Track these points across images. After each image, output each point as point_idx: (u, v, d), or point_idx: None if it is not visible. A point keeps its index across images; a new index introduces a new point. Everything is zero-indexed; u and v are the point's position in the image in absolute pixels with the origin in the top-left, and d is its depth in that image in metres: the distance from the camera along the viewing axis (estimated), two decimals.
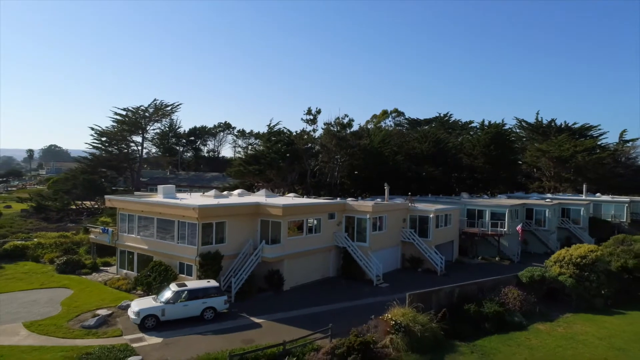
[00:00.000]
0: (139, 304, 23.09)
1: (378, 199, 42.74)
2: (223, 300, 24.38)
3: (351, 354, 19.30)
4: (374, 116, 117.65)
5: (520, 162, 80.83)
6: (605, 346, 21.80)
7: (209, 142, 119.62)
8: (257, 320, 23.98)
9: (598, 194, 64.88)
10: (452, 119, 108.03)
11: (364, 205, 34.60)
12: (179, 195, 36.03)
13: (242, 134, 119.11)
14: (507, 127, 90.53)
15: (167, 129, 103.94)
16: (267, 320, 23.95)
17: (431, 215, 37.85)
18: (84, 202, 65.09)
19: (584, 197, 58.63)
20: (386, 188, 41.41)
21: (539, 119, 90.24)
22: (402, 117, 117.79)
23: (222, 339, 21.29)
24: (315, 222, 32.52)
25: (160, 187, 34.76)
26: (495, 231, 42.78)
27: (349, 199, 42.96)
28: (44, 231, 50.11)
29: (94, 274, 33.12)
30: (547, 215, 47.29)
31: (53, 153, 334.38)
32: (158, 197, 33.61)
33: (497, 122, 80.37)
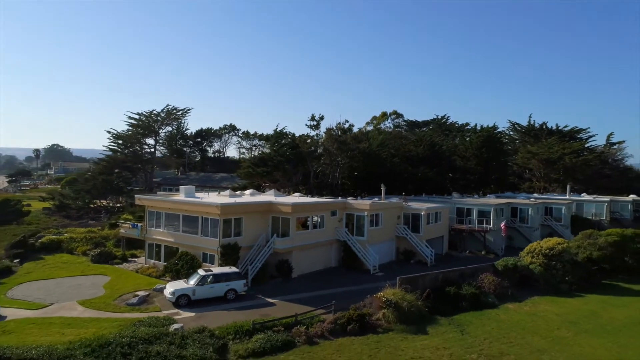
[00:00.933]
0: (173, 286, 27.65)
1: (375, 198, 47.13)
2: (242, 284, 28.90)
3: (350, 324, 23.80)
4: (374, 118, 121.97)
5: (511, 164, 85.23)
6: (560, 320, 26.30)
7: (214, 144, 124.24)
8: (271, 300, 28.47)
9: (584, 194, 69.32)
10: (449, 121, 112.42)
11: (363, 204, 39.08)
12: (197, 194, 40.50)
13: (246, 135, 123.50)
14: (501, 129, 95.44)
15: (175, 131, 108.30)
16: (280, 300, 28.42)
17: (422, 213, 42.33)
18: (101, 201, 69.72)
19: (567, 197, 63.02)
20: (382, 188, 45.93)
21: (531, 123, 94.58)
22: (400, 119, 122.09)
23: (244, 313, 25.73)
24: (319, 218, 37.02)
25: (182, 188, 39.29)
26: (482, 227, 47.28)
27: (349, 198, 47.44)
28: (67, 227, 54.66)
29: (124, 264, 37.62)
30: (530, 213, 51.72)
31: (56, 152, 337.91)
32: (180, 196, 38.11)
33: (492, 124, 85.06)
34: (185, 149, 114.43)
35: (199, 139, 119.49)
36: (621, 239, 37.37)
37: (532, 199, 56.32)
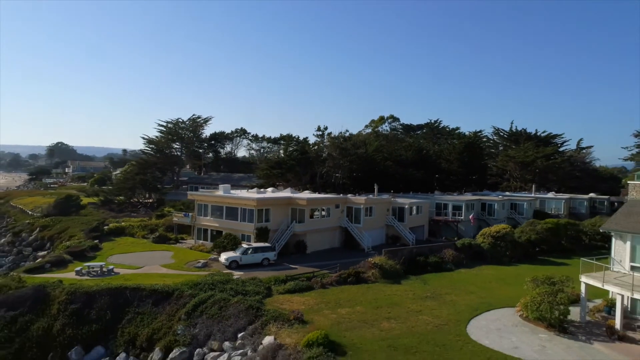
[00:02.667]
0: (226, 255, 39.50)
1: (370, 195, 58.89)
2: (274, 254, 40.81)
3: (349, 278, 35.57)
4: (372, 121, 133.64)
5: (491, 166, 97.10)
6: (493, 278, 38.12)
7: (226, 146, 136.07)
8: (293, 266, 40.26)
9: (552, 192, 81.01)
10: (442, 125, 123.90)
11: (359, 199, 50.90)
12: (232, 191, 52.28)
13: (255, 138, 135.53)
14: (485, 134, 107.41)
15: (192, 135, 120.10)
16: (300, 266, 40.18)
17: (406, 206, 54.17)
18: (137, 197, 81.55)
19: (532, 195, 74.86)
20: (375, 187, 57.82)
21: (513, 129, 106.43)
22: (397, 123, 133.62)
23: (276, 272, 37.40)
24: (326, 210, 48.84)
25: (221, 186, 51.22)
26: (455, 219, 59.17)
27: (349, 194, 59.10)
28: (115, 219, 66.37)
29: (177, 244, 49.45)
30: (496, 208, 63.55)
31: (60, 150, 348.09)
32: (220, 192, 49.95)
33: (479, 128, 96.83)
34: (200, 150, 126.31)
35: (212, 142, 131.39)
36: (555, 227, 49.29)
37: (500, 196, 68.17)
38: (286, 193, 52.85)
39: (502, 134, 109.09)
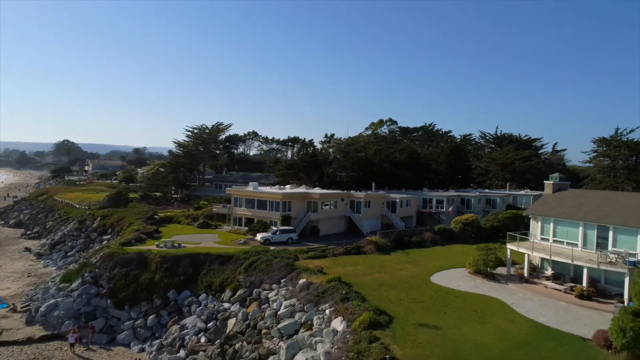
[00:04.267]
0: (260, 235, 53.11)
1: (369, 191, 72.44)
2: (295, 235, 54.47)
3: (352, 250, 49.15)
4: (372, 124, 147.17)
5: (475, 166, 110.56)
6: (459, 252, 51.66)
7: (239, 147, 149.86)
8: (310, 244, 53.77)
9: (527, 190, 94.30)
10: (435, 128, 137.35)
11: (360, 195, 64.45)
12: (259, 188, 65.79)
13: (266, 140, 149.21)
14: (474, 137, 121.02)
15: (211, 137, 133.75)
16: (315, 244, 53.70)
17: (397, 200, 67.72)
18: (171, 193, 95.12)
19: (506, 192, 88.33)
20: (373, 185, 71.41)
21: (497, 133, 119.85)
22: (395, 126, 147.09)
23: (299, 247, 50.85)
24: (334, 202, 62.38)
25: (250, 184, 64.86)
26: (437, 211, 72.78)
27: (351, 191, 72.69)
28: (159, 210, 79.83)
29: (217, 228, 63.02)
30: (472, 202, 77.01)
31: (67, 148, 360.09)
32: (250, 189, 63.57)
33: (468, 132, 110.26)
34: (217, 151, 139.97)
35: (227, 143, 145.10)
36: (513, 216, 62.75)
37: (477, 193, 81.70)
38: (302, 189, 66.46)
39: (487, 137, 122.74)
